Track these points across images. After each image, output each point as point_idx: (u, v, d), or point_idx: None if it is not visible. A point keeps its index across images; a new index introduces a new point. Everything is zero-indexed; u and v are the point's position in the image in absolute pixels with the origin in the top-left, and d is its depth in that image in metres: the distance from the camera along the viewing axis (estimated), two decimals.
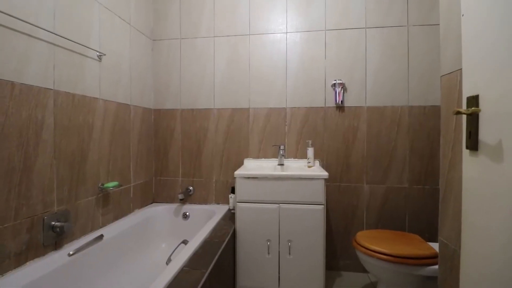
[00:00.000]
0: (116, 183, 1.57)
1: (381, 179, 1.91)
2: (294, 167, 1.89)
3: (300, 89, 1.98)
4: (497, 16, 0.65)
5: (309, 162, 1.85)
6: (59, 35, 1.24)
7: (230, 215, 1.83)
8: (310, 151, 1.85)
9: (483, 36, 0.70)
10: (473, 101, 0.72)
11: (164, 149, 2.15)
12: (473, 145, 0.72)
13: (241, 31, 2.04)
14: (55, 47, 1.25)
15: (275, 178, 1.60)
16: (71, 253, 1.23)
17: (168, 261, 1.64)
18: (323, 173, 1.57)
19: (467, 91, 0.75)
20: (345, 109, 1.94)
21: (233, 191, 1.93)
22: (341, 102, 1.91)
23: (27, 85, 1.11)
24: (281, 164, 1.91)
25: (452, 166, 0.90)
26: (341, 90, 1.90)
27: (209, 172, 2.10)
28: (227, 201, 2.06)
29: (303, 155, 1.99)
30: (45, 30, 1.17)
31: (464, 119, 0.77)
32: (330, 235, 1.96)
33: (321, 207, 1.56)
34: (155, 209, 2.00)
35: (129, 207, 1.83)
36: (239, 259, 1.62)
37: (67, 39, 1.29)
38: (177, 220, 2.02)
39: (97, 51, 1.50)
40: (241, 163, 2.04)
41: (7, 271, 1.04)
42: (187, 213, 2.02)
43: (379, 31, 1.89)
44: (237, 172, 1.65)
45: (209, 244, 1.40)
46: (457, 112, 0.72)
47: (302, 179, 1.57)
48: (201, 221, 1.91)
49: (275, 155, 2.02)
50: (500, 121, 0.64)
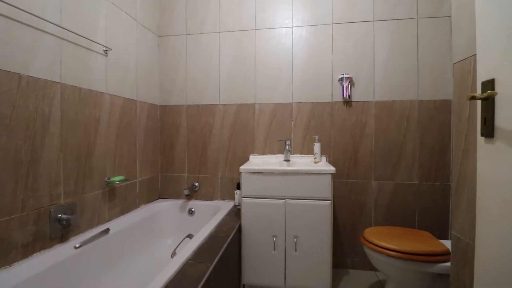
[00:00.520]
0: (122, 177, 1.58)
1: (390, 175, 1.87)
2: (300, 162, 1.87)
3: (307, 84, 1.96)
4: None
5: (315, 158, 1.82)
6: (65, 29, 1.25)
7: (236, 211, 1.82)
8: (317, 146, 1.82)
9: (498, 16, 0.66)
10: (488, 85, 0.68)
11: (170, 145, 2.15)
12: (488, 131, 0.69)
13: (246, 26, 2.03)
14: (61, 40, 1.25)
15: (281, 173, 1.58)
16: (77, 245, 1.23)
17: (173, 254, 1.64)
18: (330, 168, 1.54)
19: (482, 76, 0.72)
20: (352, 104, 1.90)
21: (238, 187, 1.91)
22: (349, 96, 1.87)
23: (34, 78, 1.12)
24: (287, 160, 1.89)
25: (466, 156, 0.87)
26: (348, 85, 1.86)
27: (214, 168, 2.09)
28: (232, 197, 2.05)
29: (309, 151, 1.96)
30: (52, 23, 1.18)
31: (478, 106, 0.74)
32: (337, 232, 1.92)
33: (328, 202, 1.53)
34: (161, 205, 2.00)
35: (135, 202, 1.84)
36: (245, 254, 1.61)
37: (73, 32, 1.30)
38: (183, 216, 2.02)
39: (103, 46, 1.51)
40: (247, 159, 2.03)
41: (15, 261, 1.04)
42: (193, 209, 2.02)
43: (387, 24, 1.85)
44: (243, 167, 1.63)
45: (214, 239, 1.38)
46: (472, 98, 0.69)
47: (308, 174, 1.55)
48: (207, 217, 1.90)
49: (281, 151, 2.00)
50: None
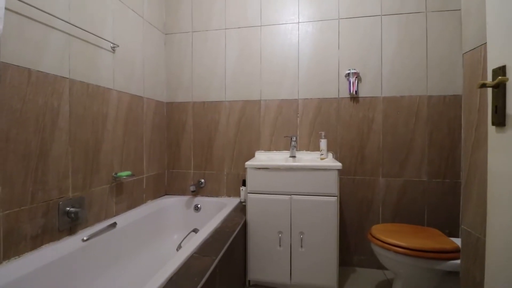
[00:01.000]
0: (129, 172, 1.60)
1: (398, 172, 1.83)
2: (306, 159, 1.85)
3: (313, 79, 1.94)
4: None
5: (322, 154, 1.80)
6: (74, 25, 1.27)
7: (241, 207, 1.82)
8: (323, 143, 1.80)
9: (509, 0, 0.64)
10: (499, 72, 0.66)
11: (176, 141, 2.17)
12: (500, 120, 0.66)
13: (252, 22, 2.03)
14: (70, 37, 1.28)
15: (286, 169, 1.57)
16: (85, 238, 1.26)
17: (179, 248, 1.65)
18: (336, 164, 1.52)
19: (493, 63, 0.69)
20: (359, 100, 1.88)
21: (244, 184, 1.91)
22: (356, 92, 1.85)
23: (44, 73, 1.14)
24: (293, 156, 1.88)
25: (476, 148, 0.84)
26: (355, 80, 1.84)
27: (220, 164, 2.09)
28: (238, 194, 2.05)
29: (315, 148, 1.94)
30: (61, 19, 1.20)
31: (489, 95, 0.72)
32: (344, 229, 1.90)
33: (334, 198, 1.51)
34: (167, 201, 2.02)
35: (142, 197, 1.85)
36: (250, 250, 1.60)
37: (82, 29, 1.32)
38: (188, 212, 2.03)
39: (111, 42, 1.53)
40: (252, 156, 2.03)
41: (24, 252, 1.07)
42: (199, 205, 2.02)
43: (395, 18, 1.82)
44: (248, 162, 1.63)
45: (219, 233, 1.38)
46: (482, 85, 0.67)
47: (314, 169, 1.53)
48: (213, 213, 1.90)
49: (286, 147, 1.99)
50: None
